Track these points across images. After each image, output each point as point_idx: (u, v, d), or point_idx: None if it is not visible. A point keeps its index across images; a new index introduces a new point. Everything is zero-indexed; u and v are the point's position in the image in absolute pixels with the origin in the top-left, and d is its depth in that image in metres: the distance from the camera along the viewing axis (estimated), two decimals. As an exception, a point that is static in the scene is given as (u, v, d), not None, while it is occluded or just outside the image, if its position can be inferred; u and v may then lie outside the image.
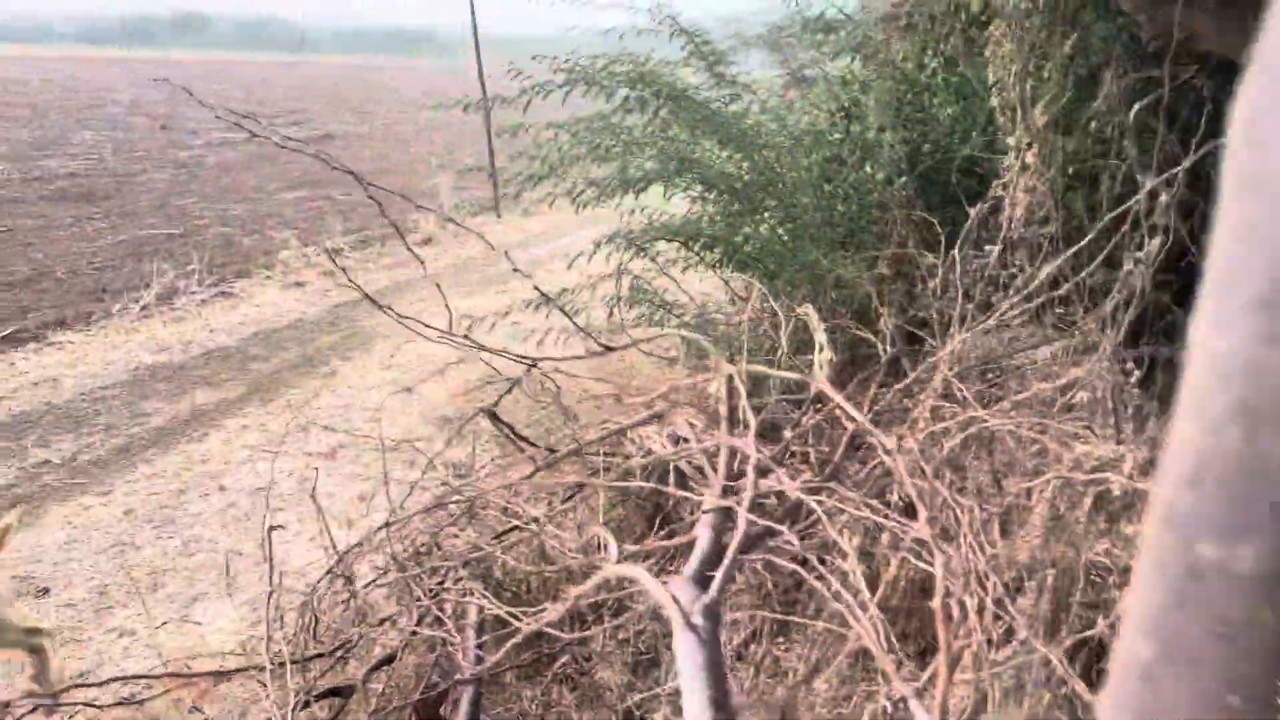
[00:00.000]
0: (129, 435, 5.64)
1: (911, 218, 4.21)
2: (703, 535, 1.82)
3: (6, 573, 4.21)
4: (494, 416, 3.20)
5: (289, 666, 2.33)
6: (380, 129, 21.71)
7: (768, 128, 4.42)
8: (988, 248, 4.06)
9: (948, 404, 2.40)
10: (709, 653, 1.31)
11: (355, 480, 5.13)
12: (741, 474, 2.05)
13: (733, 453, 2.21)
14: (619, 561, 1.70)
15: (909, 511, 2.22)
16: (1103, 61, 3.92)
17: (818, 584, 1.64)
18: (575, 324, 3.66)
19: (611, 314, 4.72)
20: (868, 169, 4.41)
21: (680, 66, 4.77)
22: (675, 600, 1.40)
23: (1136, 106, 3.20)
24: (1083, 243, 3.27)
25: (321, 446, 5.53)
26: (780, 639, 2.37)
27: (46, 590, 4.09)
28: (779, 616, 2.25)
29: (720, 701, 1.23)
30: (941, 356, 2.50)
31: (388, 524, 2.95)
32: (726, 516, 1.88)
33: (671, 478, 3.01)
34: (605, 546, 1.98)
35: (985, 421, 2.10)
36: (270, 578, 2.84)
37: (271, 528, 3.15)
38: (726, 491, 1.97)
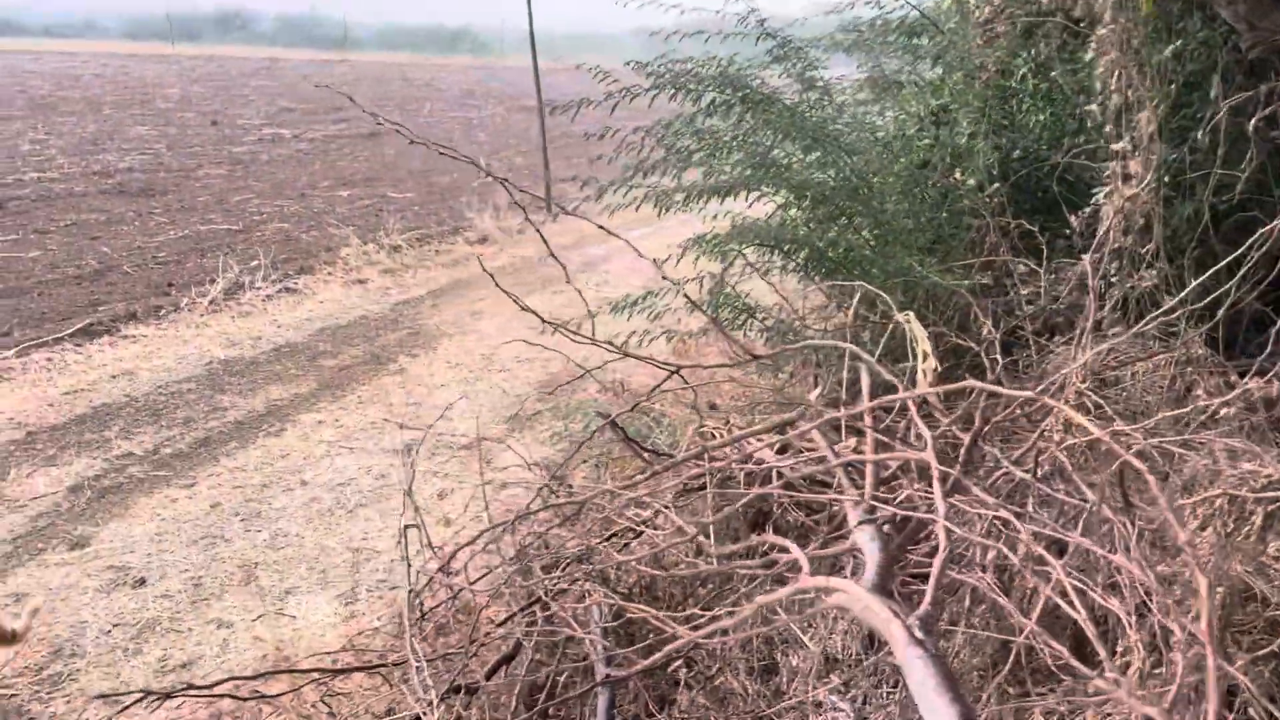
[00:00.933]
0: (207, 429, 5.73)
1: (1003, 225, 4.19)
2: (869, 546, 1.83)
3: (103, 563, 4.31)
4: (614, 424, 3.21)
5: (424, 663, 2.35)
6: (424, 126, 21.82)
7: (856, 132, 4.41)
8: (1084, 256, 4.04)
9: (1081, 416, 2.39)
10: (940, 668, 1.32)
11: (430, 477, 5.17)
12: (885, 481, 2.05)
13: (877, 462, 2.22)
14: (812, 573, 1.71)
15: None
16: (1203, 68, 3.89)
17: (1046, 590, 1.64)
18: (724, 332, 3.63)
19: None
20: (957, 175, 4.39)
21: (763, 69, 4.78)
22: (897, 615, 1.40)
23: (1254, 119, 3.16)
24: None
25: (396, 443, 5.59)
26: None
27: (143, 581, 4.16)
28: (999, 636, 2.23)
29: (970, 716, 1.24)
30: (1075, 368, 2.48)
31: (509, 522, 2.96)
32: (879, 527, 1.90)
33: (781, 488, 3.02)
34: (763, 553, 1.99)
35: (1128, 435, 2.09)
36: (408, 576, 2.86)
37: (407, 526, 3.17)
38: (876, 501, 1.98)
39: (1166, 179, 3.92)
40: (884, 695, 2.48)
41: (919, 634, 1.39)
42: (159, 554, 4.36)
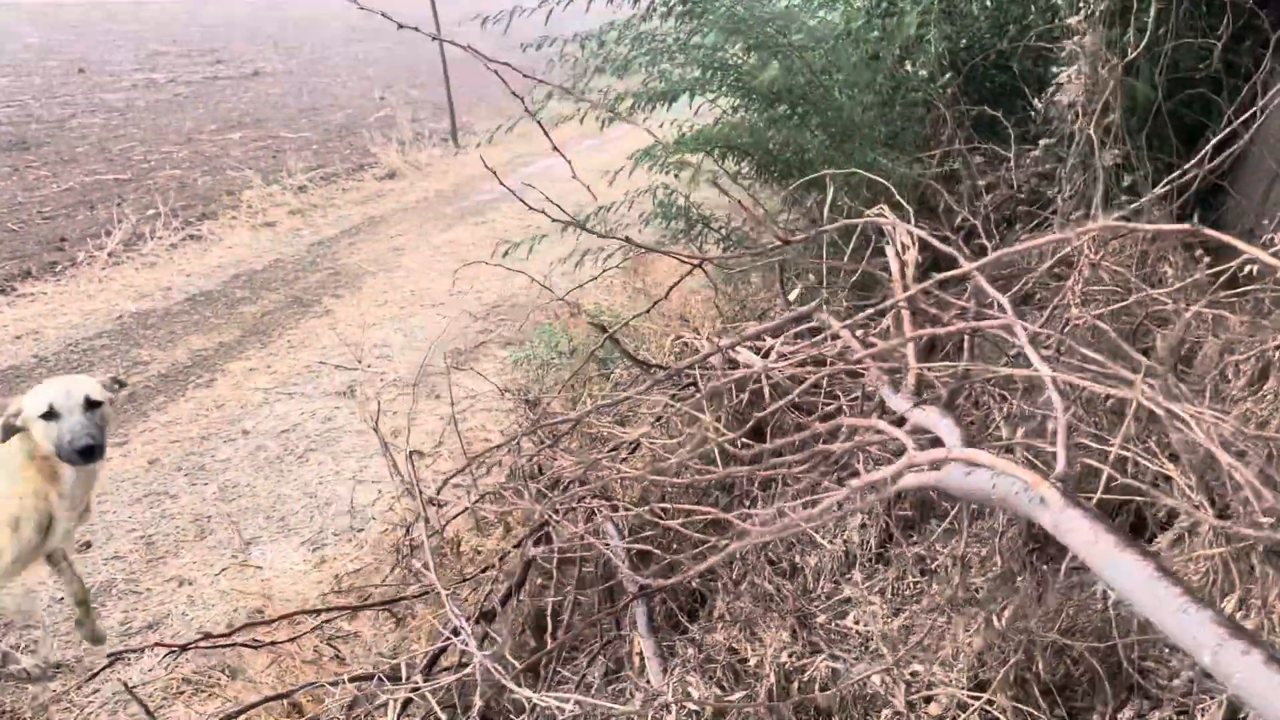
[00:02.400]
0: (130, 385, 5.38)
1: (957, 115, 4.15)
2: (941, 423, 1.76)
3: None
4: (613, 339, 3.06)
5: (447, 592, 2.21)
6: (309, 64, 20.85)
7: (803, 29, 4.28)
8: (1041, 141, 4.03)
9: (1096, 287, 2.37)
10: (1109, 523, 1.25)
11: (382, 416, 4.96)
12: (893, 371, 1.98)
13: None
14: (966, 447, 1.61)
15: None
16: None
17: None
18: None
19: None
20: (908, 66, 4.32)
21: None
22: (1049, 479, 1.33)
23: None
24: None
25: (337, 385, 5.35)
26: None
27: (88, 544, 3.91)
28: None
29: (1164, 567, 1.17)
30: (1086, 233, 2.42)
31: (509, 441, 2.82)
32: (942, 403, 1.83)
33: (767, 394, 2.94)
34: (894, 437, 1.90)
35: (1165, 304, 2.06)
36: (421, 505, 2.69)
37: (412, 452, 3.00)
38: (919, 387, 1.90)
39: (1118, 57, 3.90)
40: (910, 586, 2.45)
41: (1072, 495, 1.31)
42: (100, 515, 4.09)
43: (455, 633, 2.22)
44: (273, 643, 2.45)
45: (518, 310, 6.31)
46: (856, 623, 2.24)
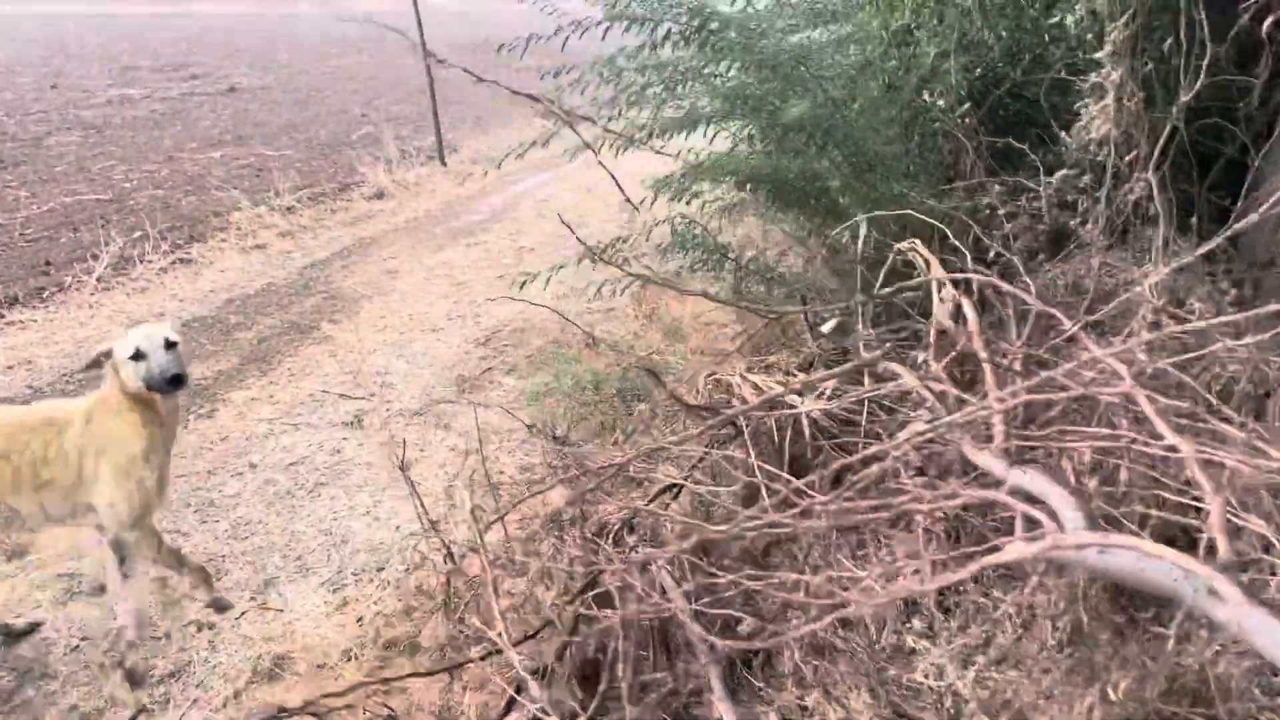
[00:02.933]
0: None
1: (976, 146, 4.15)
2: (1050, 490, 1.72)
3: (50, 572, 3.91)
4: (652, 373, 3.01)
5: (512, 650, 2.15)
6: (286, 78, 20.66)
7: (823, 59, 4.27)
8: (1059, 173, 4.03)
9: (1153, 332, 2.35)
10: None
11: (387, 449, 4.89)
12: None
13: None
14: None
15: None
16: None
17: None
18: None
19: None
20: (926, 96, 4.31)
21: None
22: (1215, 568, 1.29)
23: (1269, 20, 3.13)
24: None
25: (342, 415, 5.26)
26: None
27: (103, 588, 3.79)
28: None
29: None
30: (1148, 285, 2.40)
31: (547, 487, 2.76)
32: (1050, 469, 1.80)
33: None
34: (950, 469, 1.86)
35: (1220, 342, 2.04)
36: (485, 564, 2.62)
37: (470, 477, 2.92)
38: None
39: (1142, 92, 3.92)
40: (976, 638, 2.42)
41: (1249, 589, 1.28)
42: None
43: (519, 690, 2.16)
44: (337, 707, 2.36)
45: (519, 335, 6.25)
46: (926, 677, 2.20)
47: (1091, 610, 2.07)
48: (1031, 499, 1.78)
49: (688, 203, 4.72)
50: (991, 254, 3.54)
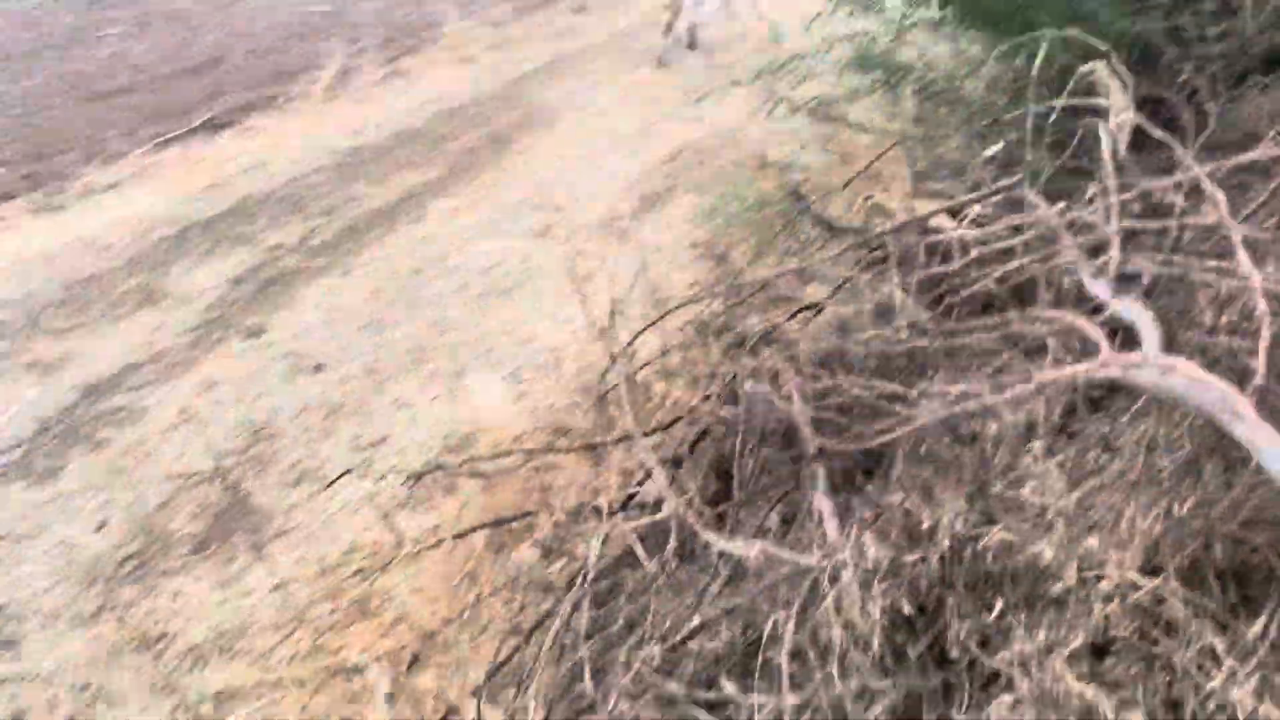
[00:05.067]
0: (349, 218, 5.82)
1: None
2: (1141, 317, 1.79)
3: (280, 350, 4.52)
4: (797, 195, 3.14)
5: (640, 437, 2.44)
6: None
7: None
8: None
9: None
10: None
11: (575, 258, 5.20)
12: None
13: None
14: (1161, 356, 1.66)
15: None
16: None
17: None
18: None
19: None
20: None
21: None
22: (1247, 388, 1.37)
23: None
24: None
25: (535, 225, 5.61)
26: None
27: (320, 366, 4.36)
28: None
29: None
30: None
31: (696, 299, 2.98)
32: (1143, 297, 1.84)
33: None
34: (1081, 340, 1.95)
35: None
36: (611, 358, 2.92)
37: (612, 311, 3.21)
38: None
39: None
40: (1092, 463, 2.49)
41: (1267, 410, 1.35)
42: (330, 340, 4.55)
43: (649, 475, 2.45)
44: (489, 474, 2.76)
45: (703, 155, 6.35)
46: (1033, 493, 2.31)
47: (1205, 446, 2.11)
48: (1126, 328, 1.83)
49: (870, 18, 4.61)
50: (1184, 77, 3.33)
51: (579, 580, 2.17)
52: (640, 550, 2.12)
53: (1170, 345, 1.67)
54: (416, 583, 2.98)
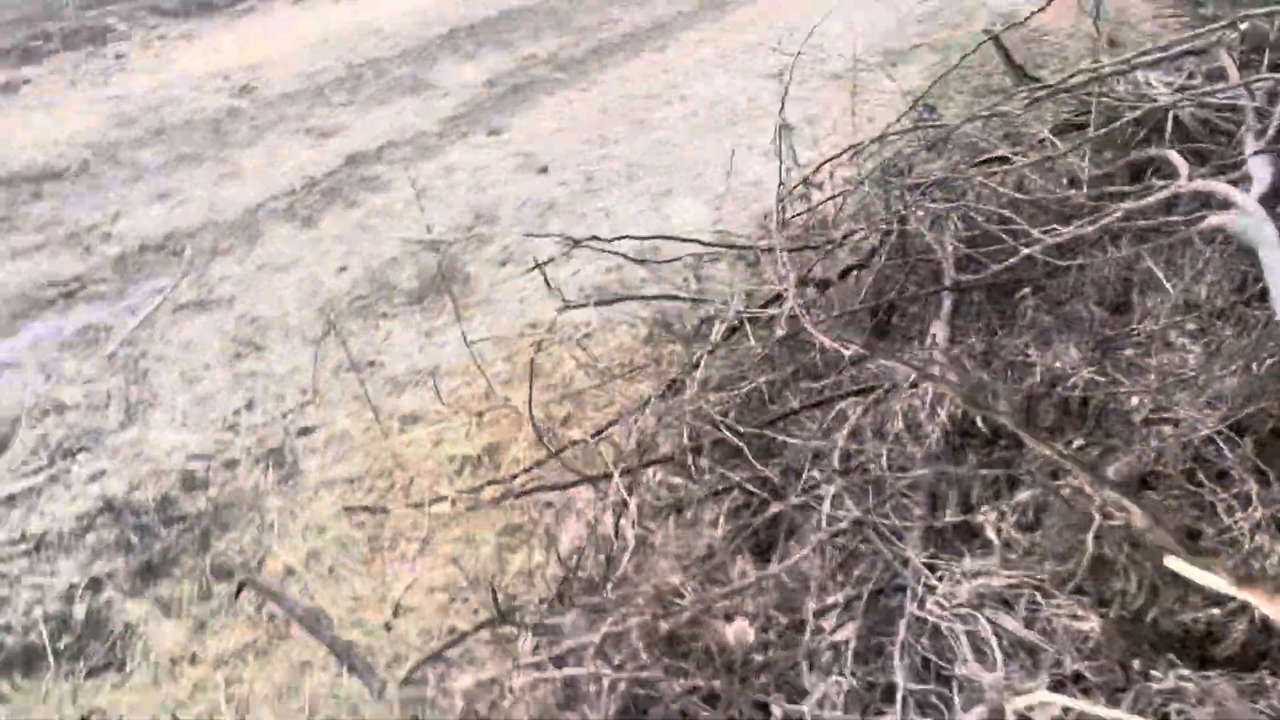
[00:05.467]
0: (600, 38, 6.12)
1: None
2: (1260, 170, 1.78)
3: (514, 149, 4.94)
4: (998, 41, 3.12)
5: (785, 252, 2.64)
6: None
7: None
8: None
9: None
10: None
11: (802, 103, 5.26)
12: None
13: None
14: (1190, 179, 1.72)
15: None
16: None
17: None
18: None
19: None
20: None
21: None
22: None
23: None
24: None
25: (770, 67, 5.68)
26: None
27: (545, 169, 4.75)
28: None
29: None
30: None
31: (874, 140, 3.08)
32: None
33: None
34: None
35: None
36: (780, 171, 3.12)
37: (782, 124, 3.38)
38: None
39: None
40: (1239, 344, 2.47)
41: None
42: (559, 147, 4.92)
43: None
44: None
45: (957, 14, 6.16)
46: (1147, 356, 2.35)
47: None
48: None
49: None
50: None
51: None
52: (749, 331, 2.36)
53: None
54: (582, 356, 3.36)
